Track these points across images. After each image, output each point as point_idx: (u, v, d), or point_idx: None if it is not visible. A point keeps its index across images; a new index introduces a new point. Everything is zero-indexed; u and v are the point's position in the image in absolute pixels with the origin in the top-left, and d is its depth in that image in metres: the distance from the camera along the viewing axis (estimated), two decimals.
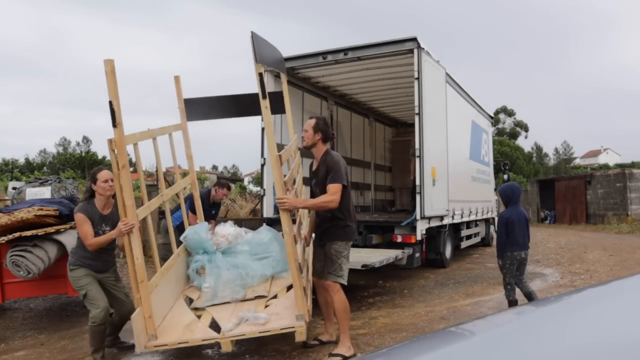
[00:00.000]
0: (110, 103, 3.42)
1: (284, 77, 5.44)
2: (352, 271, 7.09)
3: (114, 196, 4.11)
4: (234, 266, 4.45)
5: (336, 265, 4.11)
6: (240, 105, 5.38)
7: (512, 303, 5.37)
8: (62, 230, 5.29)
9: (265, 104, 3.52)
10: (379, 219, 8.22)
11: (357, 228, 7.57)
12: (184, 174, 7.79)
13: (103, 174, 4.21)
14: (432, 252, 8.17)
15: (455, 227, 9.31)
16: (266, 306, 4.01)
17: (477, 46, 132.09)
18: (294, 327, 3.53)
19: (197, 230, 4.76)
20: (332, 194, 3.93)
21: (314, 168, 4.33)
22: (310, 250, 4.65)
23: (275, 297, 4.20)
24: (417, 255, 7.16)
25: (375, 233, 7.38)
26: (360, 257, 6.36)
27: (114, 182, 3.76)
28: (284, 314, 3.71)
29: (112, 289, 4.36)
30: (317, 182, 4.21)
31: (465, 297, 6.47)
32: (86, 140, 63.80)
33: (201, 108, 5.37)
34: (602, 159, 66.91)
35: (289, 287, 4.22)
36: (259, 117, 8.19)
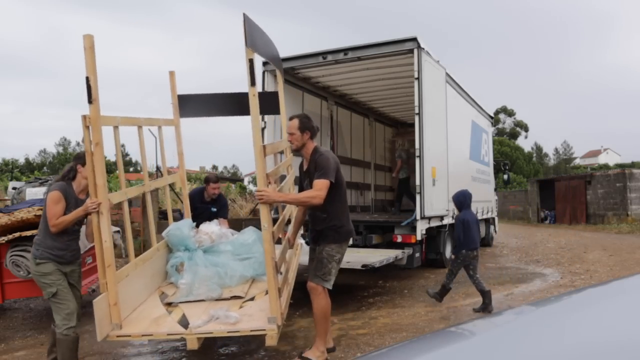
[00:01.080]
0: (87, 79, 3.33)
1: (280, 76, 5.31)
2: (352, 271, 7.13)
3: None
4: (214, 264, 4.30)
5: (326, 269, 3.91)
6: (236, 104, 5.21)
7: (447, 290, 5.87)
8: None
9: (253, 92, 3.35)
10: (379, 219, 8.22)
11: (355, 228, 7.69)
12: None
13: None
14: (432, 252, 8.17)
15: None
16: (241, 307, 3.84)
17: (477, 46, 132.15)
18: (264, 329, 3.35)
19: (180, 227, 4.62)
20: (317, 190, 3.71)
21: (304, 168, 4.14)
22: (292, 252, 4.56)
23: (252, 299, 4.01)
24: (417, 255, 7.17)
25: (375, 233, 7.38)
26: (360, 257, 6.36)
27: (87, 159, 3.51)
28: (258, 316, 3.54)
29: (75, 288, 3.96)
30: (309, 182, 3.96)
31: (465, 297, 6.47)
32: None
33: (195, 105, 5.27)
34: (602, 159, 66.89)
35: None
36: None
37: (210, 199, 6.09)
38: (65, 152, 56.41)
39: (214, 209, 6.02)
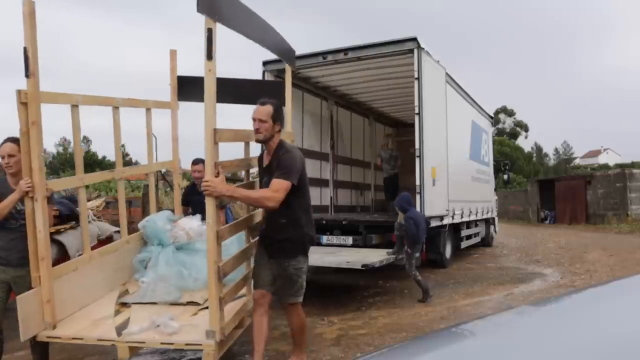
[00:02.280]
0: (25, 50, 3.01)
1: (288, 69, 4.65)
2: (352, 271, 7.14)
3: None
4: (181, 264, 3.92)
5: (297, 285, 3.50)
6: (240, 92, 4.73)
7: (424, 285, 6.30)
8: (62, 230, 5.28)
9: (209, 67, 2.93)
10: (379, 219, 8.22)
11: (355, 228, 7.71)
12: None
13: (2, 148, 3.39)
14: (432, 252, 8.17)
15: (455, 227, 9.31)
16: (194, 314, 3.50)
17: (477, 46, 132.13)
18: (201, 344, 3.02)
19: (155, 219, 4.28)
20: (274, 191, 3.21)
21: (265, 163, 3.54)
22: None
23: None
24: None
25: (375, 233, 7.38)
26: (360, 257, 6.36)
27: (22, 144, 3.13)
28: (204, 328, 3.11)
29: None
30: (268, 181, 3.38)
31: (465, 297, 6.47)
32: (86, 140, 63.80)
33: (196, 88, 4.74)
34: (602, 159, 66.81)
35: (236, 299, 3.73)
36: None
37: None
38: (65, 152, 56.34)
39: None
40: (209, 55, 2.94)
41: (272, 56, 8.03)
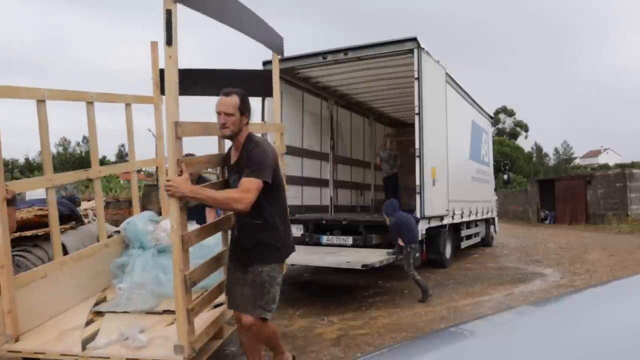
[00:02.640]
0: None
1: (275, 58, 4.40)
2: (352, 271, 7.14)
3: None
4: (160, 269, 3.64)
5: (269, 296, 3.02)
6: (222, 83, 4.03)
7: (423, 283, 6.33)
8: (62, 230, 5.28)
9: (169, 53, 2.66)
10: (379, 219, 8.21)
11: (355, 228, 7.72)
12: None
13: None
14: (432, 252, 8.17)
15: (455, 227, 9.31)
16: (171, 324, 3.22)
17: (477, 46, 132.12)
18: None
19: (136, 221, 4.02)
20: (244, 191, 2.81)
21: (232, 159, 3.16)
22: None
23: None
24: (417, 255, 7.16)
25: (375, 233, 7.38)
26: (360, 257, 6.36)
27: None
28: (175, 341, 2.82)
29: None
30: (238, 179, 3.00)
31: (465, 297, 6.47)
32: (86, 140, 63.81)
33: (183, 81, 4.33)
34: (602, 159, 66.82)
35: (218, 305, 3.51)
36: (258, 111, 8.19)
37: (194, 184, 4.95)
38: (65, 152, 56.40)
39: None
40: (169, 41, 2.68)
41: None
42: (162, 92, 4.24)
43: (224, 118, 2.94)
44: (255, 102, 4.18)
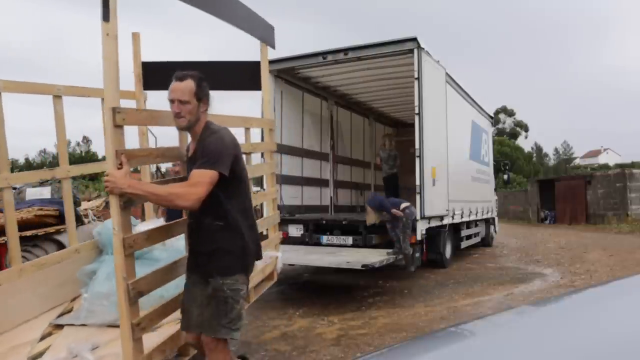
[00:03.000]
0: None
1: (264, 48, 4.03)
2: (352, 271, 7.14)
3: None
4: None
5: (233, 313, 2.51)
6: (221, 77, 3.99)
7: (405, 249, 6.64)
8: (62, 230, 5.28)
9: (106, 30, 2.37)
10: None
11: (355, 228, 7.71)
12: None
13: None
14: (432, 252, 8.17)
15: (455, 227, 9.31)
16: None
17: (477, 46, 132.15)
18: None
19: (109, 225, 3.48)
20: (192, 185, 2.39)
21: (190, 153, 2.71)
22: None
23: (155, 330, 2.86)
24: (417, 255, 7.17)
25: (375, 233, 7.38)
26: (360, 257, 6.36)
27: None
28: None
29: None
30: None
31: (465, 297, 6.47)
32: (86, 140, 63.79)
33: (166, 75, 3.64)
34: (602, 159, 66.81)
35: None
36: (258, 109, 8.15)
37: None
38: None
39: None
40: (106, 16, 2.41)
41: (273, 56, 8.12)
42: (145, 86, 4.04)
43: (178, 106, 2.51)
44: (254, 102, 4.10)
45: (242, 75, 3.77)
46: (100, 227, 3.85)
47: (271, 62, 7.88)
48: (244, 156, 3.24)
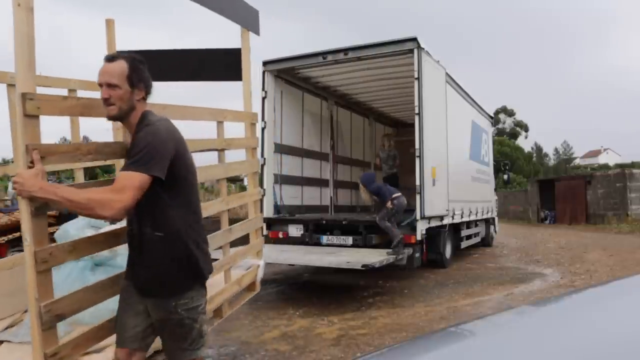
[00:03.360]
0: None
1: (245, 34, 3.61)
2: (352, 271, 7.14)
3: None
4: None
5: (193, 333, 2.21)
6: (181, 66, 3.66)
7: (392, 230, 6.79)
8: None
9: (17, 1, 1.96)
10: None
11: (355, 228, 7.72)
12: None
13: None
14: (432, 252, 8.17)
15: (455, 227, 9.31)
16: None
17: (477, 46, 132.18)
18: None
19: (68, 227, 3.22)
20: (116, 191, 1.95)
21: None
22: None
23: (100, 351, 2.43)
24: (417, 255, 7.17)
25: (375, 233, 7.38)
26: (360, 257, 6.36)
27: None
28: None
29: None
30: None
31: (465, 297, 6.47)
32: (86, 140, 63.82)
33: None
34: (602, 159, 66.81)
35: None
36: (258, 109, 8.18)
37: None
38: None
39: None
40: None
41: (273, 56, 8.15)
42: None
43: (107, 91, 2.12)
44: (254, 102, 3.96)
45: (220, 64, 3.43)
46: (60, 229, 3.32)
47: (271, 62, 7.98)
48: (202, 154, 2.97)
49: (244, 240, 3.67)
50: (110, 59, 2.16)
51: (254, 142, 3.73)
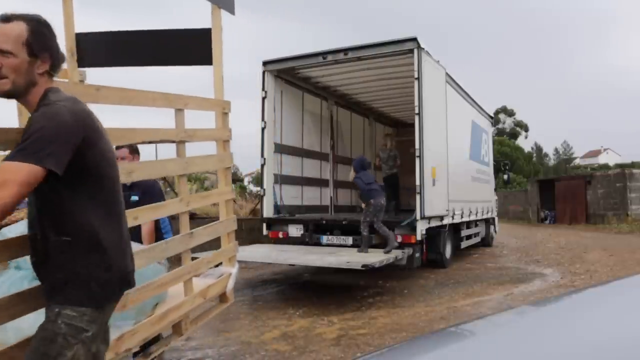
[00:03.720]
0: None
1: (216, 11, 3.07)
2: (352, 271, 7.14)
3: None
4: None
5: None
6: (163, 49, 3.21)
7: (366, 238, 6.94)
8: None
9: None
10: None
11: (355, 228, 7.71)
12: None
13: None
14: (432, 252, 8.17)
15: (455, 227, 9.31)
16: None
17: (477, 46, 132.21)
18: None
19: (6, 232, 2.59)
20: None
21: None
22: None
23: None
24: (417, 255, 7.17)
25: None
26: (360, 257, 6.36)
27: None
28: None
29: None
30: None
31: (465, 297, 6.47)
32: None
33: (99, 48, 3.09)
34: (602, 159, 66.82)
35: None
36: (258, 109, 8.17)
37: (130, 182, 3.26)
38: None
39: (135, 198, 3.46)
40: None
41: (273, 56, 8.15)
42: (81, 63, 2.97)
43: None
44: (254, 102, 3.72)
45: (188, 47, 3.09)
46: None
47: (271, 62, 7.99)
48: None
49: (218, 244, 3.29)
50: (4, 19, 1.68)
51: (226, 134, 3.18)
